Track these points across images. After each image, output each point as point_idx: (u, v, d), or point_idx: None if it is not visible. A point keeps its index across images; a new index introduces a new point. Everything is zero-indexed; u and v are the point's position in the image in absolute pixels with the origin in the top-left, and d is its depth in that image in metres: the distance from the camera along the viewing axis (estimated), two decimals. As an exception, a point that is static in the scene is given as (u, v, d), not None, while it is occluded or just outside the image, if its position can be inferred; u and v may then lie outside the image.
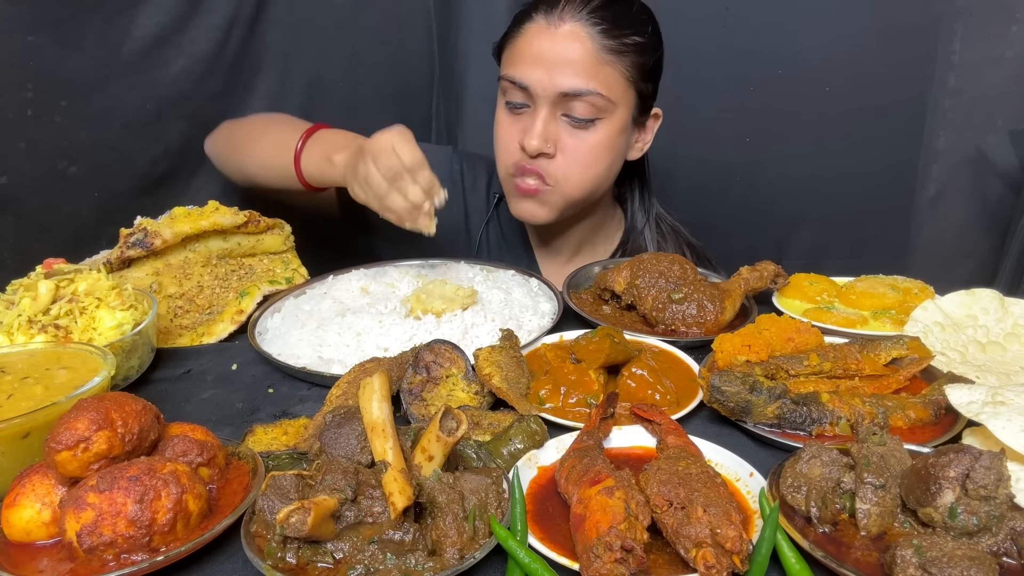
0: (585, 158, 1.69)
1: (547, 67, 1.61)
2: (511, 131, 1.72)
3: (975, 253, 2.56)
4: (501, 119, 1.75)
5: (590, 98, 1.62)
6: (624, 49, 1.64)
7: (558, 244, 1.98)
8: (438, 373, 1.22)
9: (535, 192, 1.72)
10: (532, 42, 1.64)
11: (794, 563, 0.83)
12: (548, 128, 1.65)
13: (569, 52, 1.61)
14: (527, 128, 1.66)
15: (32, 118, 1.68)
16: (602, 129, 1.68)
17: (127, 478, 0.83)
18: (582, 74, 1.61)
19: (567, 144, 1.68)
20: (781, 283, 1.58)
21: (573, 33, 1.61)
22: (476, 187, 2.03)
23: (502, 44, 1.75)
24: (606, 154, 1.72)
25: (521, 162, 1.70)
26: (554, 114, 1.66)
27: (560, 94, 1.62)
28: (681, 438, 1.04)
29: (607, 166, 1.75)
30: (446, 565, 0.81)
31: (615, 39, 1.63)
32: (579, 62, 1.61)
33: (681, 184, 2.79)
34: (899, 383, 1.21)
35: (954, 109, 2.46)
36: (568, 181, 1.71)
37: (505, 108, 1.73)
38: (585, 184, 1.74)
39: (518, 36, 1.68)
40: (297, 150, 1.69)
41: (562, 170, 1.69)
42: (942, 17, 2.39)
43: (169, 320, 1.54)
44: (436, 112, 2.84)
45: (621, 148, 1.77)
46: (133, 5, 1.81)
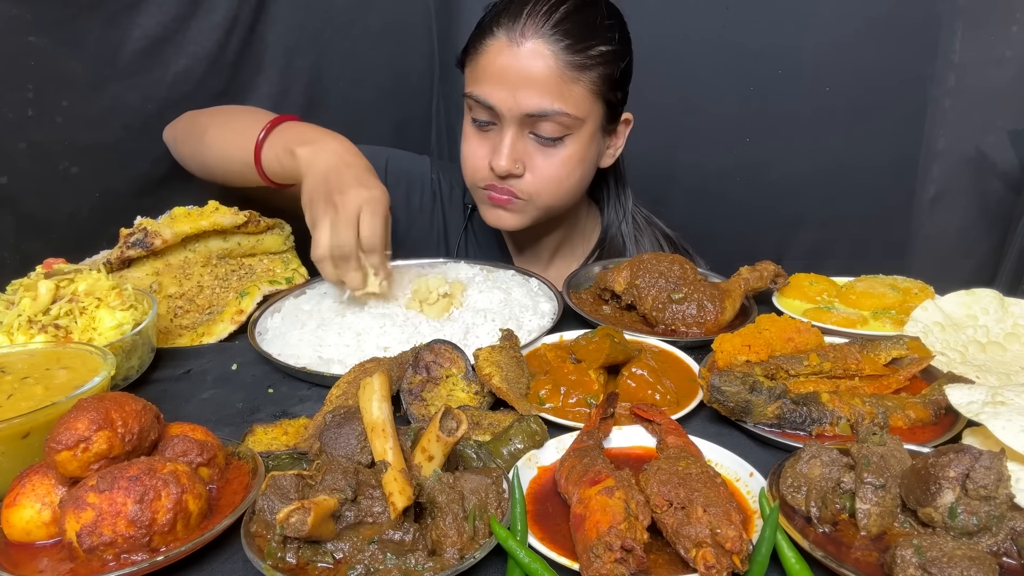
0: (556, 173, 1.66)
1: (511, 87, 1.57)
2: (479, 148, 1.68)
3: (975, 253, 2.56)
4: (468, 134, 1.71)
5: (556, 117, 1.58)
6: (589, 63, 1.58)
7: (535, 249, 1.97)
8: (438, 373, 1.22)
9: (506, 203, 1.69)
10: (495, 60, 1.58)
11: (794, 563, 0.83)
12: (516, 148, 1.62)
13: (532, 71, 1.55)
14: (495, 147, 1.63)
15: (32, 118, 1.67)
16: (570, 144, 1.64)
17: (127, 478, 0.83)
18: (547, 94, 1.56)
19: (536, 162, 1.65)
20: (781, 283, 1.58)
21: (535, 51, 1.55)
22: (453, 198, 2.02)
23: (464, 57, 1.69)
24: (576, 168, 1.69)
25: (490, 181, 1.67)
26: (521, 133, 1.62)
27: (525, 115, 1.58)
28: (681, 438, 1.04)
29: (578, 179, 1.73)
30: (446, 565, 0.81)
31: (580, 54, 1.56)
32: (543, 82, 1.55)
33: (681, 184, 2.79)
34: (899, 383, 1.21)
35: (954, 109, 2.46)
36: (541, 196, 1.68)
37: (471, 123, 1.70)
38: (558, 197, 1.72)
39: (480, 52, 1.62)
40: (259, 140, 1.59)
41: (533, 187, 1.67)
42: (942, 17, 2.39)
43: (169, 320, 1.54)
44: (436, 112, 2.84)
45: (592, 158, 1.74)
46: (133, 5, 1.80)
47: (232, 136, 1.68)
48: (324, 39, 2.31)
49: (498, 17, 1.60)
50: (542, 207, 1.72)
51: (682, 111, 2.62)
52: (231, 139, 1.68)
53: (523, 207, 1.70)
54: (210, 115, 1.82)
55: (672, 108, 2.59)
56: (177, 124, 1.88)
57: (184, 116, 1.89)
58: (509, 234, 1.99)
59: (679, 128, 2.66)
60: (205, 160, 1.78)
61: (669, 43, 2.52)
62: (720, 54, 2.56)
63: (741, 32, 2.51)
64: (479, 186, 1.72)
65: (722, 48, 2.55)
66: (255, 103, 2.12)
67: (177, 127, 1.87)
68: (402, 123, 2.70)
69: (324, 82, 2.34)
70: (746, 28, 2.51)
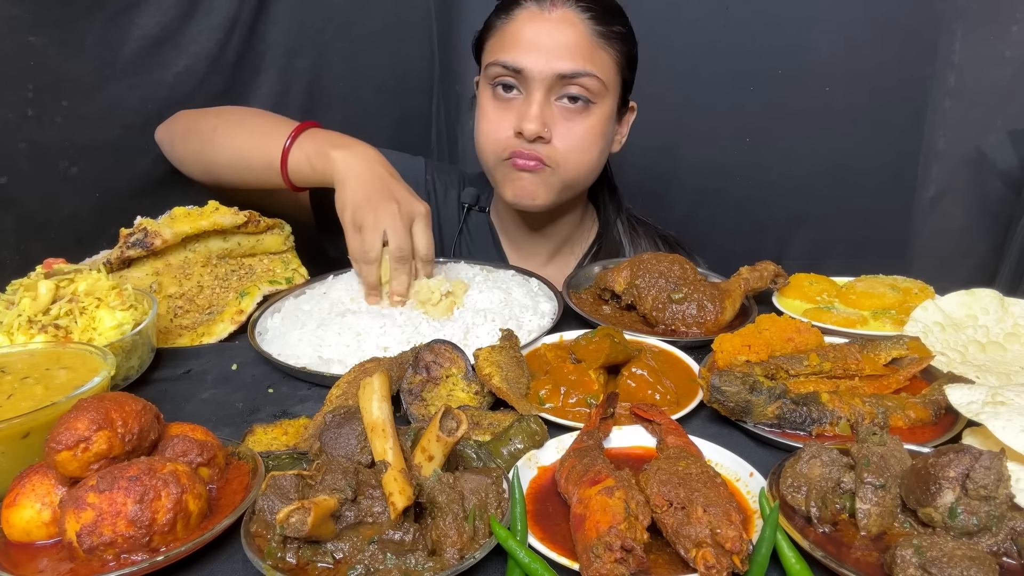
0: (580, 142, 1.69)
1: (542, 51, 1.61)
2: (501, 118, 1.69)
3: (975, 253, 2.57)
4: (488, 108, 1.72)
5: (586, 80, 1.63)
6: (613, 36, 1.66)
7: (532, 251, 1.96)
8: (438, 373, 1.22)
9: (534, 169, 1.68)
10: (524, 27, 1.64)
11: (794, 563, 0.83)
12: (544, 112, 1.64)
13: (564, 36, 1.61)
14: (522, 113, 1.65)
15: (32, 118, 1.67)
16: (595, 114, 1.68)
17: (127, 478, 0.83)
18: (579, 56, 1.62)
19: (562, 129, 1.67)
20: (781, 283, 1.58)
21: (566, 18, 1.62)
22: (448, 198, 2.02)
23: (484, 35, 1.73)
24: (599, 140, 1.72)
25: (516, 147, 1.67)
26: (548, 99, 1.65)
27: (557, 76, 1.61)
28: (681, 438, 1.04)
29: (599, 152, 1.75)
30: (446, 565, 0.81)
31: (604, 25, 1.65)
32: (575, 45, 1.62)
33: (681, 184, 2.80)
34: (899, 383, 1.21)
35: (954, 109, 2.47)
36: (566, 164, 1.70)
37: (492, 97, 1.71)
38: (582, 168, 1.73)
39: (507, 22, 1.67)
40: (286, 146, 1.61)
41: (559, 153, 1.68)
42: (942, 17, 2.40)
43: (169, 320, 1.54)
44: (436, 112, 2.85)
45: (609, 136, 1.78)
46: (133, 5, 1.80)
47: (250, 138, 1.69)
48: (324, 39, 2.31)
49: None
50: (566, 179, 1.72)
51: (682, 111, 2.63)
52: (249, 141, 1.69)
53: (550, 177, 1.71)
54: (216, 115, 1.81)
55: (672, 108, 2.59)
56: (174, 124, 1.86)
57: (180, 116, 1.87)
58: (506, 234, 1.99)
59: (679, 128, 2.67)
60: (214, 160, 1.76)
61: (669, 43, 2.52)
62: (720, 54, 2.56)
63: (741, 32, 2.51)
64: (503, 157, 1.71)
65: (722, 48, 2.55)
66: (255, 103, 2.13)
67: (174, 127, 1.85)
68: (402, 123, 2.70)
69: (324, 82, 2.35)
70: (746, 28, 2.51)
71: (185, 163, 1.85)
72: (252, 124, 1.74)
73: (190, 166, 1.84)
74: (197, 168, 1.83)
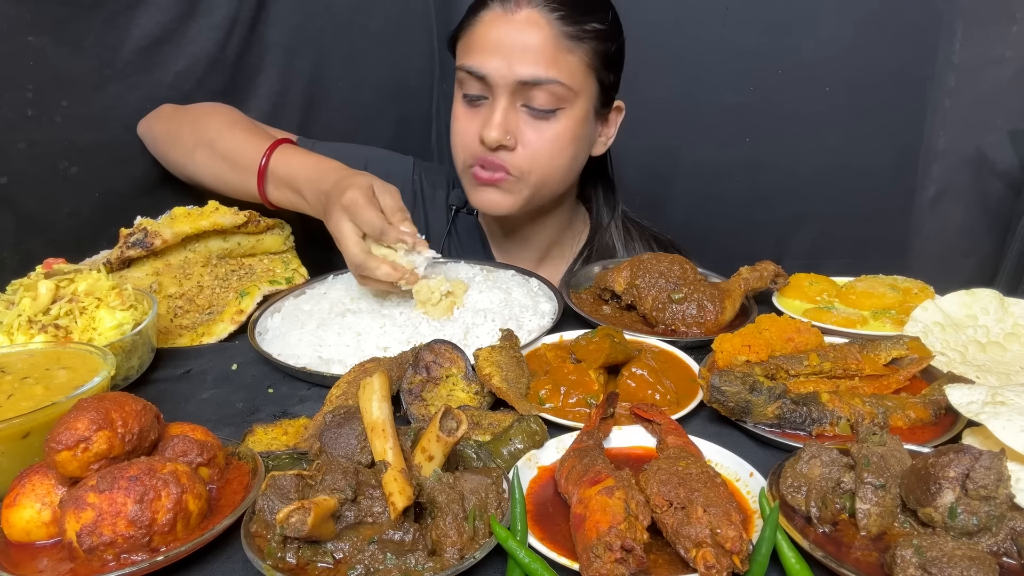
0: (548, 149, 1.63)
1: (505, 55, 1.55)
2: (469, 124, 1.64)
3: (975, 253, 2.56)
4: (458, 112, 1.68)
5: (550, 87, 1.56)
6: (584, 36, 1.58)
7: (520, 253, 1.93)
8: (438, 373, 1.22)
9: (497, 181, 1.64)
10: (488, 30, 1.57)
11: (794, 563, 0.83)
12: (507, 119, 1.59)
13: (527, 39, 1.54)
14: (486, 121, 1.59)
15: (32, 118, 1.68)
16: (564, 119, 1.62)
17: (127, 478, 0.83)
18: (541, 61, 1.55)
19: (528, 136, 1.61)
20: (781, 283, 1.58)
21: (530, 19, 1.55)
22: (435, 199, 1.99)
23: (456, 35, 1.67)
24: (569, 145, 1.66)
25: (481, 155, 1.63)
26: (513, 104, 1.59)
27: (519, 83, 1.56)
28: (681, 438, 1.04)
29: (571, 157, 1.69)
30: (446, 565, 0.81)
31: (574, 25, 1.57)
32: (538, 49, 1.54)
33: (681, 184, 2.80)
34: (899, 383, 1.21)
35: (954, 109, 2.46)
36: (533, 172, 1.64)
37: (462, 101, 1.66)
38: (550, 175, 1.68)
39: (474, 25, 1.61)
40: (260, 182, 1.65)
41: (524, 161, 1.63)
42: (942, 17, 2.39)
43: (169, 320, 1.54)
44: (436, 112, 2.84)
45: (585, 140, 1.71)
46: (133, 5, 1.80)
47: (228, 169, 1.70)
48: (324, 39, 2.31)
49: None
50: (533, 186, 1.67)
51: (682, 111, 2.63)
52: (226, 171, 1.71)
53: (514, 185, 1.66)
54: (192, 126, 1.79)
55: (672, 108, 2.59)
56: (156, 125, 1.85)
57: (162, 114, 1.86)
58: (493, 236, 1.97)
59: (679, 128, 2.67)
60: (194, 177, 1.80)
61: (669, 43, 2.52)
62: (720, 54, 2.56)
63: (741, 32, 2.51)
64: (468, 164, 1.67)
65: (722, 48, 2.55)
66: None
67: (155, 128, 1.85)
68: (402, 123, 2.70)
69: (324, 82, 2.34)
70: (746, 28, 2.51)
71: (168, 167, 1.88)
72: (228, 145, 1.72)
73: (173, 171, 1.88)
74: (179, 175, 1.86)
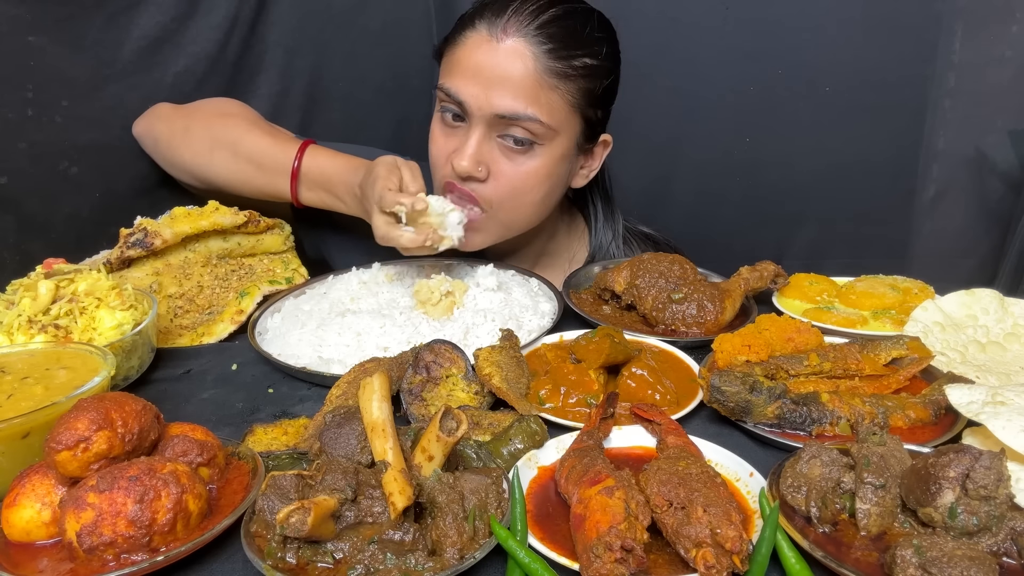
0: (521, 184, 1.56)
1: (484, 84, 1.48)
2: (444, 146, 1.58)
3: (975, 253, 2.56)
4: (435, 131, 1.62)
5: (528, 123, 1.49)
6: (571, 73, 1.50)
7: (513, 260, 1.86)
8: (438, 373, 1.22)
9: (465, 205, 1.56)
10: (472, 53, 1.50)
11: (794, 563, 0.83)
12: (481, 150, 1.52)
13: (509, 70, 1.47)
14: (459, 147, 1.53)
15: (32, 118, 1.67)
16: (540, 156, 1.55)
17: (127, 478, 0.83)
18: (521, 97, 1.47)
19: (501, 169, 1.54)
20: (781, 283, 1.58)
21: (515, 50, 1.47)
22: None
23: (443, 47, 1.60)
24: (543, 183, 1.58)
25: (452, 181, 1.56)
26: (489, 135, 1.53)
27: (495, 116, 1.49)
28: (681, 438, 1.04)
29: (544, 195, 1.62)
30: (446, 565, 0.81)
31: (562, 61, 1.49)
32: (518, 83, 1.47)
33: (681, 184, 2.79)
34: (899, 383, 1.21)
35: (954, 109, 2.46)
36: (502, 208, 1.58)
37: (440, 120, 1.60)
38: (519, 211, 1.62)
39: (458, 44, 1.53)
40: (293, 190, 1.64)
41: (495, 195, 1.56)
42: (942, 17, 2.39)
43: (169, 320, 1.54)
44: (436, 112, 2.84)
45: (561, 176, 1.64)
46: (133, 5, 1.80)
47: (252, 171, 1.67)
48: (324, 39, 2.31)
49: (482, 10, 1.52)
50: (503, 222, 1.62)
51: (682, 111, 2.63)
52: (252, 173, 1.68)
53: (484, 222, 1.59)
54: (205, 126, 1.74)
55: (672, 108, 2.59)
56: (156, 125, 1.81)
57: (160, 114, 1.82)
58: None
59: (679, 128, 2.67)
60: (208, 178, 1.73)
61: (669, 43, 2.52)
62: (720, 54, 2.56)
63: (741, 32, 2.51)
64: (440, 186, 1.61)
65: (722, 48, 2.55)
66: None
67: (157, 129, 1.80)
68: (402, 123, 2.70)
69: (324, 82, 2.34)
70: (746, 28, 2.51)
71: (170, 169, 1.82)
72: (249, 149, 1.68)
73: (176, 173, 1.82)
74: (185, 176, 1.80)
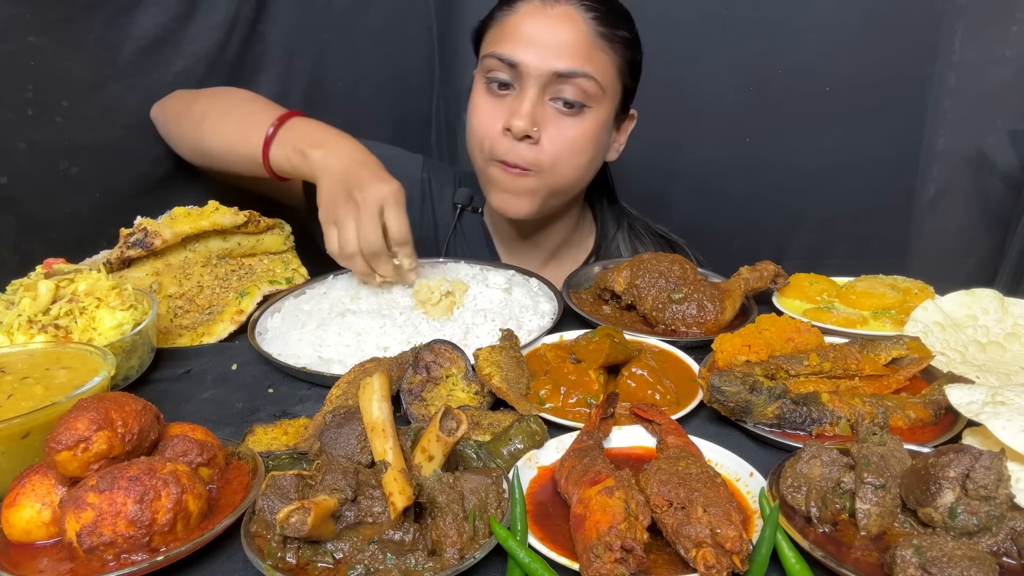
0: (571, 146, 1.63)
1: (540, 46, 1.57)
2: (493, 113, 1.64)
3: (975, 253, 2.57)
4: (480, 102, 1.67)
5: (583, 81, 1.58)
6: (616, 39, 1.62)
7: (527, 254, 1.93)
8: (438, 373, 1.22)
9: (520, 173, 1.63)
10: (524, 21, 1.59)
11: (794, 563, 0.83)
12: (536, 110, 1.59)
13: (564, 33, 1.57)
14: (513, 110, 1.59)
15: (32, 118, 1.68)
16: (589, 118, 1.63)
17: (127, 478, 0.83)
18: (577, 55, 1.57)
19: (552, 131, 1.62)
20: (781, 283, 1.58)
21: (567, 14, 1.58)
22: (443, 197, 1.99)
23: (484, 26, 1.69)
24: (591, 145, 1.67)
25: (502, 148, 1.62)
26: (542, 98, 1.60)
27: (553, 74, 1.57)
28: (681, 438, 1.04)
29: (590, 158, 1.70)
30: (446, 565, 0.81)
31: (608, 27, 1.61)
32: (574, 43, 1.57)
33: (681, 184, 2.80)
34: (899, 383, 1.21)
35: (954, 109, 2.47)
36: (553, 168, 1.64)
37: (485, 90, 1.66)
38: (569, 173, 1.68)
39: (508, 15, 1.63)
40: (267, 137, 1.58)
41: (546, 156, 1.62)
42: (942, 17, 2.40)
43: (169, 320, 1.54)
44: (436, 112, 2.85)
45: (604, 143, 1.73)
46: (133, 5, 1.80)
47: (235, 129, 1.66)
48: (324, 39, 2.31)
49: None
50: (552, 185, 1.68)
51: (682, 111, 2.63)
52: (234, 132, 1.67)
53: (534, 183, 1.65)
54: (208, 99, 1.79)
55: (672, 108, 2.59)
56: (168, 104, 1.86)
57: (176, 95, 1.86)
58: (500, 236, 1.97)
59: (679, 128, 2.67)
60: (202, 147, 1.76)
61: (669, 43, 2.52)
62: (720, 54, 2.56)
63: (741, 32, 2.51)
64: (492, 158, 1.66)
65: (722, 48, 2.55)
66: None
67: (168, 107, 1.85)
68: (402, 123, 2.70)
69: (324, 82, 2.35)
70: (746, 28, 2.51)
71: (177, 146, 1.86)
72: (238, 113, 1.70)
73: (182, 149, 1.85)
74: (188, 152, 1.84)
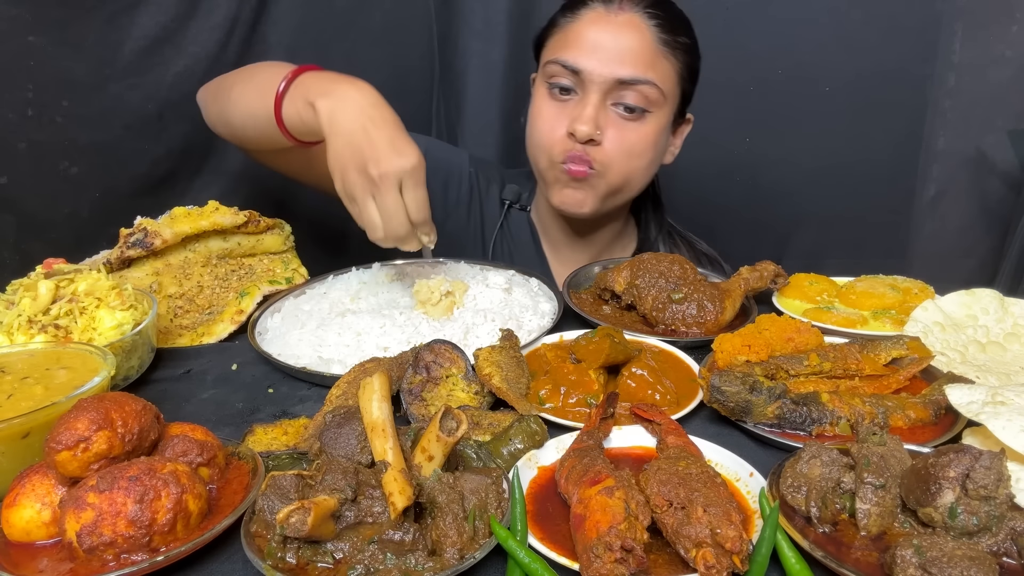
0: (632, 148, 1.69)
1: (604, 53, 1.61)
2: (556, 117, 1.69)
3: (975, 253, 2.57)
4: (543, 107, 1.72)
5: (645, 88, 1.63)
6: (677, 46, 1.67)
7: (573, 256, 1.95)
8: (438, 373, 1.22)
9: (583, 175, 1.69)
10: (588, 28, 1.64)
11: (794, 563, 0.83)
12: (598, 115, 1.64)
13: (628, 40, 1.62)
14: (576, 115, 1.64)
15: (32, 118, 1.68)
16: (649, 123, 1.68)
17: (127, 478, 0.83)
18: (640, 63, 1.62)
19: (613, 134, 1.67)
20: (781, 283, 1.58)
21: (632, 22, 1.63)
22: (490, 193, 2.01)
23: (546, 32, 1.73)
24: (650, 149, 1.72)
25: (569, 150, 1.68)
26: (604, 103, 1.65)
27: (616, 81, 1.61)
28: (681, 438, 1.04)
29: (648, 161, 1.75)
30: (446, 565, 0.81)
31: (670, 34, 1.65)
32: (638, 51, 1.62)
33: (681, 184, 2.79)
34: (899, 383, 1.21)
35: (954, 109, 2.47)
36: (612, 169, 1.69)
37: (548, 95, 1.71)
38: (629, 174, 1.73)
39: (572, 21, 1.67)
40: (278, 94, 1.45)
41: (608, 157, 1.68)
42: (942, 17, 2.40)
43: (169, 320, 1.54)
44: (436, 112, 2.84)
45: (662, 147, 1.78)
46: (133, 5, 1.80)
47: (255, 93, 1.54)
48: (324, 39, 2.31)
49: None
50: (612, 184, 1.72)
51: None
52: (254, 96, 1.54)
53: (596, 183, 1.71)
54: (237, 73, 1.71)
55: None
56: (209, 85, 1.79)
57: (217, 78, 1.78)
58: (547, 235, 1.98)
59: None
60: (232, 121, 1.66)
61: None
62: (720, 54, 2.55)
63: (741, 32, 2.51)
64: (556, 160, 1.71)
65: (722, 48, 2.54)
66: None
67: (208, 88, 1.79)
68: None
69: (324, 82, 2.34)
70: (746, 28, 2.51)
71: (215, 127, 1.76)
72: (261, 77, 1.57)
73: (219, 129, 1.75)
74: (223, 129, 1.74)
